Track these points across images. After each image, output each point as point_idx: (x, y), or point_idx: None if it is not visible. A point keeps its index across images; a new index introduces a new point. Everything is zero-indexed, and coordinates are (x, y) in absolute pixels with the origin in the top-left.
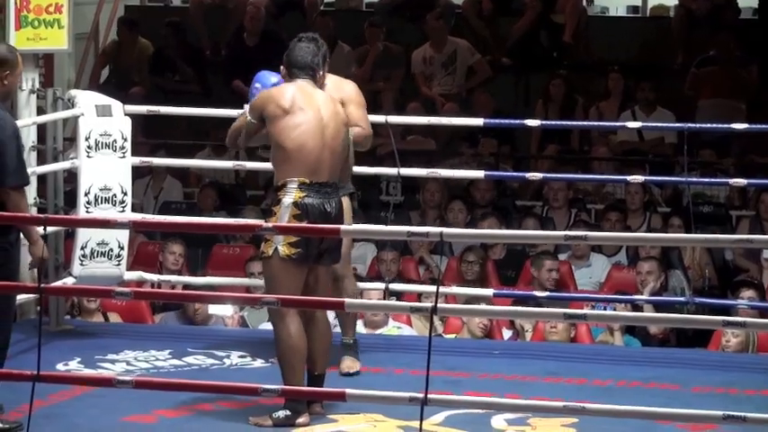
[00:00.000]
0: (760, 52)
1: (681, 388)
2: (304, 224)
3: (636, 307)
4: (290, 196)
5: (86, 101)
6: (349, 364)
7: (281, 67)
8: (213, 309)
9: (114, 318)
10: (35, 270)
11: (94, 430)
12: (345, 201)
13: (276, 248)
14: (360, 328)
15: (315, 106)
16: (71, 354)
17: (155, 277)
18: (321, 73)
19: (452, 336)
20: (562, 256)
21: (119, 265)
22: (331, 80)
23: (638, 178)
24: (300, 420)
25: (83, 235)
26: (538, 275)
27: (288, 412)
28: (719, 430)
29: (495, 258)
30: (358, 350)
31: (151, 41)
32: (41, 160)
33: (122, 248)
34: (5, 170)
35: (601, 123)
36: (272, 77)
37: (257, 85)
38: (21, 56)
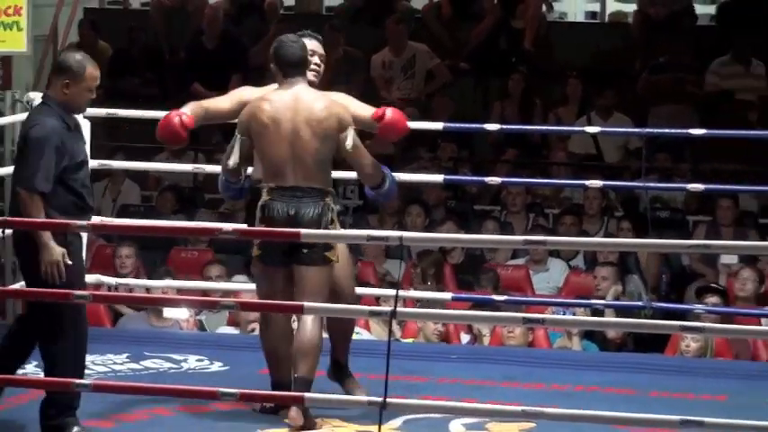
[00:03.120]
0: (717, 58)
1: (638, 393)
2: (263, 228)
3: (594, 311)
4: (261, 200)
5: None
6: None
7: (271, 65)
8: (169, 312)
9: None
10: None
11: None
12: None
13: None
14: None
15: (290, 114)
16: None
17: (113, 280)
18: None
19: (410, 340)
20: (520, 261)
21: None
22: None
23: (597, 183)
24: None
25: None
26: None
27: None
28: None
29: (454, 263)
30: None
31: (110, 44)
32: (0, 162)
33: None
34: (22, 171)
35: (560, 128)
36: None
37: None
38: (96, 70)
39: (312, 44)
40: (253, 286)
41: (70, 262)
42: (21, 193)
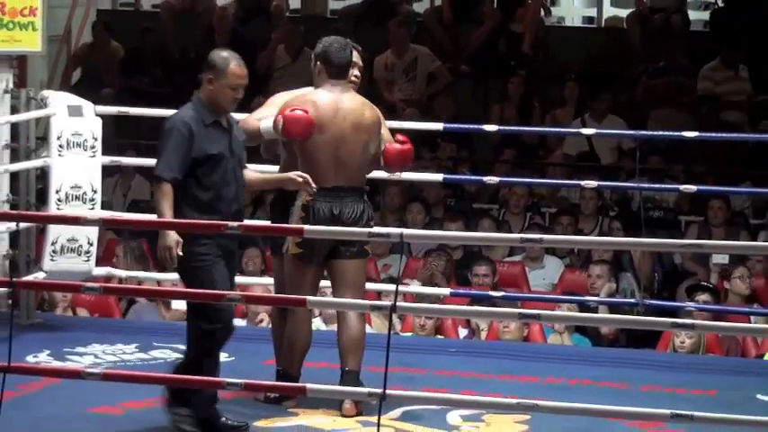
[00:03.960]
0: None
1: (630, 387)
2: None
3: (586, 308)
4: (300, 199)
5: (58, 101)
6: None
7: (314, 65)
8: (176, 304)
9: (82, 312)
10: (6, 264)
11: (62, 421)
12: None
13: (288, 247)
14: (320, 324)
15: (336, 119)
16: (41, 346)
17: (123, 273)
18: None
19: (409, 334)
20: (517, 258)
21: (88, 260)
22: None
23: (592, 183)
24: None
25: (53, 231)
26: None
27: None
28: (667, 428)
29: (454, 259)
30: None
31: (122, 44)
32: (14, 158)
33: (91, 245)
34: (157, 158)
35: (556, 129)
36: None
37: None
38: (239, 69)
39: (354, 56)
40: (260, 280)
41: (181, 253)
42: (156, 180)
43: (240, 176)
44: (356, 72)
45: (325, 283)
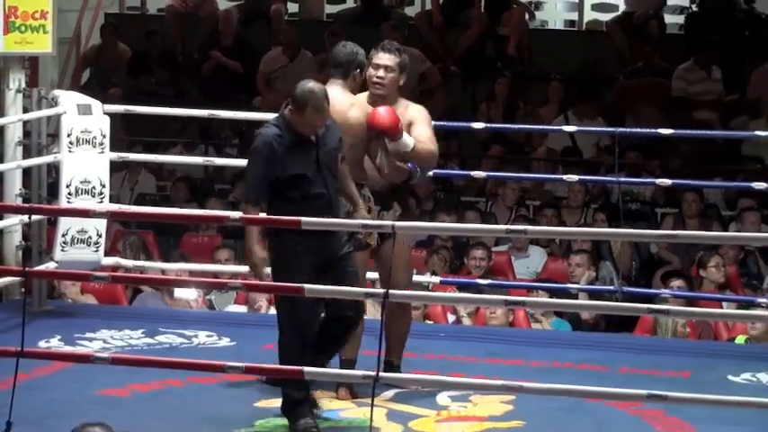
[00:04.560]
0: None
1: (609, 369)
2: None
3: (568, 294)
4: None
5: (68, 100)
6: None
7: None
8: (179, 293)
9: (91, 299)
10: (19, 254)
11: (72, 402)
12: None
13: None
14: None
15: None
16: (52, 332)
17: (129, 263)
18: (352, 77)
19: None
20: (503, 248)
21: (97, 251)
22: (402, 104)
23: (573, 177)
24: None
25: (64, 223)
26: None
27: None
28: (643, 407)
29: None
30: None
31: (129, 46)
32: (27, 155)
33: (100, 236)
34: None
35: (540, 127)
36: None
37: None
38: (314, 115)
39: (382, 57)
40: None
41: (268, 270)
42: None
43: (332, 184)
44: (380, 73)
45: None
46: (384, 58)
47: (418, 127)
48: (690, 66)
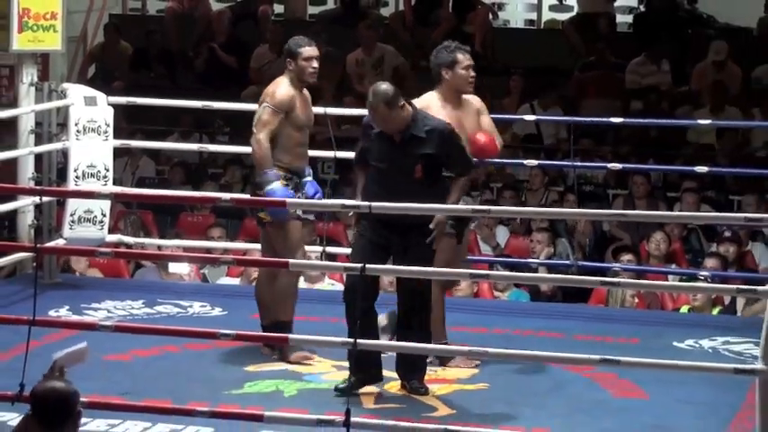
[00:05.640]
0: (633, 59)
1: (566, 336)
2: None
3: (528, 268)
4: None
5: (76, 93)
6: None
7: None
8: (173, 267)
9: (97, 273)
10: (32, 232)
11: (80, 366)
12: None
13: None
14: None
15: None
16: (61, 302)
17: (131, 240)
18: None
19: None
20: (471, 226)
21: (101, 229)
22: (467, 97)
23: (533, 162)
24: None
25: (72, 204)
26: None
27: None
28: (597, 371)
29: None
30: None
31: (131, 44)
32: (38, 142)
33: (105, 216)
34: None
35: (506, 116)
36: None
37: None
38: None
39: (468, 58)
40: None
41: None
42: None
43: (404, 191)
44: (472, 72)
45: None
46: (469, 58)
47: (485, 117)
48: (641, 60)
